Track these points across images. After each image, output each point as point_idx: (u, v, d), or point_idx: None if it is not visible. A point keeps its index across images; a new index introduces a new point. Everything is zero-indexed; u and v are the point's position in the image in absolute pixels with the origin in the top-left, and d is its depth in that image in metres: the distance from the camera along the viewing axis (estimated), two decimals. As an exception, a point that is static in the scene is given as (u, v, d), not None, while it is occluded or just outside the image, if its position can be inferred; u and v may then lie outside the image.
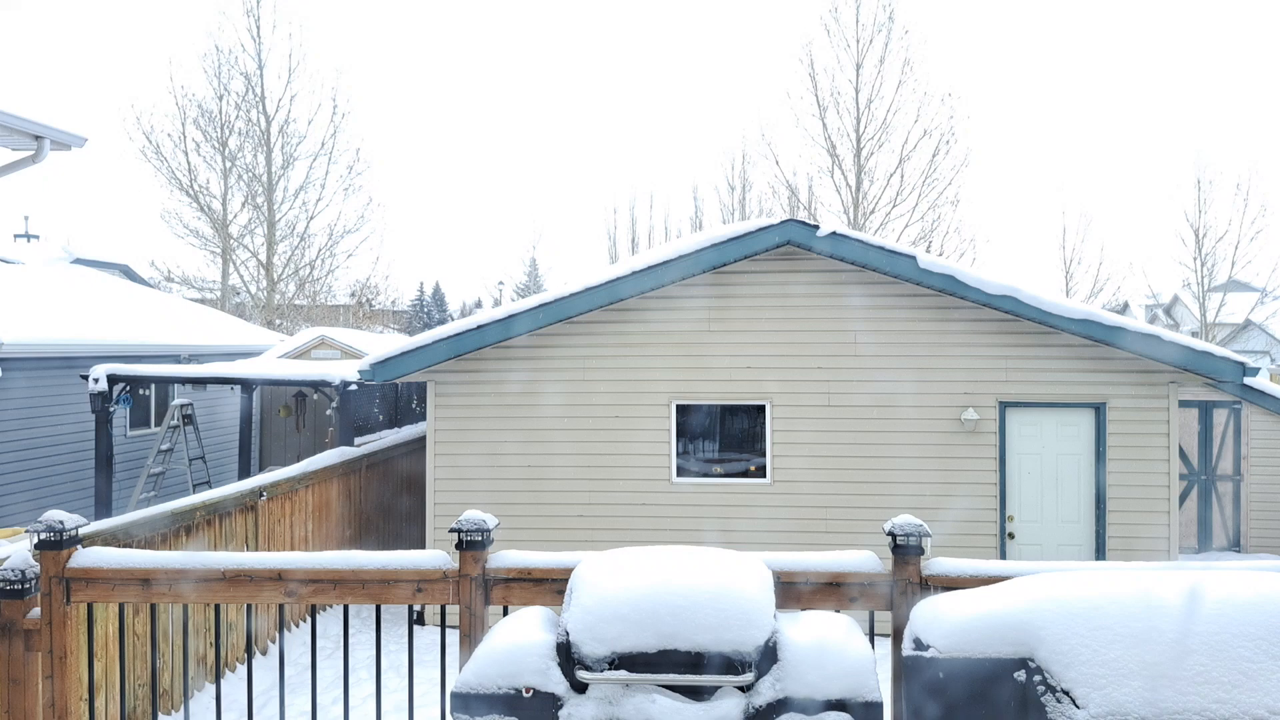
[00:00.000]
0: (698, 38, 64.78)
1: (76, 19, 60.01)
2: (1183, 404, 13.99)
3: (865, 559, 4.79)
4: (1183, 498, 14.21)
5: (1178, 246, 32.61)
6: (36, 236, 33.41)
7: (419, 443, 13.55)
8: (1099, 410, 10.58)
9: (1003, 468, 10.65)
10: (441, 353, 10.74)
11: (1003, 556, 10.56)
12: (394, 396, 16.30)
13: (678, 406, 10.95)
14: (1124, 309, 36.26)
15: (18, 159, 9.68)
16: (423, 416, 16.42)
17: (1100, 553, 10.48)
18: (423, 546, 11.37)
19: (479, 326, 10.69)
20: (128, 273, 27.95)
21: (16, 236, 32.05)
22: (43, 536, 4.53)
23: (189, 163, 28.43)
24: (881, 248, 10.58)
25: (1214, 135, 48.89)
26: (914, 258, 10.38)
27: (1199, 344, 10.24)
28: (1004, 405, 10.66)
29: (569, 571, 4.38)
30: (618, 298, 10.67)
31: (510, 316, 10.68)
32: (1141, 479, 10.49)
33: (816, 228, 10.57)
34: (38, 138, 9.46)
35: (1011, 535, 10.67)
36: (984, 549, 10.49)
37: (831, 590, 4.62)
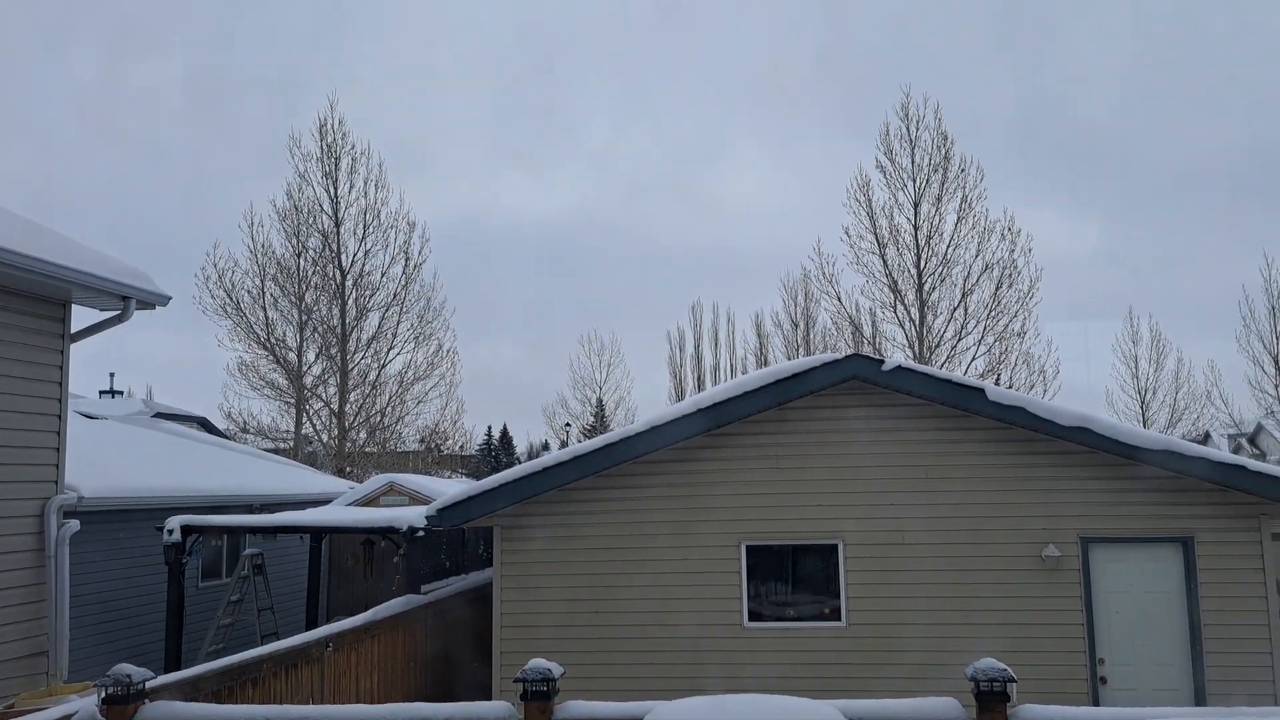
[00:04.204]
0: (756, 175, 66.50)
1: (153, 172, 63.60)
2: (1276, 536, 13.34)
3: (947, 706, 4.58)
4: (1286, 637, 13.41)
5: (1257, 373, 31.80)
6: (121, 392, 34.64)
7: (486, 589, 13.42)
8: (1187, 544, 10.14)
9: (1089, 607, 10.19)
10: (506, 497, 10.73)
11: (1095, 703, 9.99)
12: (461, 542, 16.27)
13: (748, 548, 10.73)
14: (1205, 439, 35.13)
15: (105, 319, 10.13)
16: (490, 562, 16.33)
17: (1200, 698, 9.87)
18: (489, 696, 11.13)
19: (544, 469, 10.69)
20: (205, 424, 28.73)
21: (102, 393, 33.28)
22: (110, 691, 4.53)
23: (267, 317, 29.48)
24: (948, 381, 10.47)
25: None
26: (982, 390, 10.24)
27: (1288, 473, 9.84)
28: (1086, 541, 10.27)
29: (636, 723, 4.24)
30: (683, 436, 10.62)
31: (575, 458, 10.68)
32: (1238, 618, 9.95)
33: (881, 362, 10.52)
34: (124, 298, 9.92)
35: (1104, 680, 10.12)
36: (1074, 695, 9.95)
37: (913, 741, 4.41)
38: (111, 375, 34.46)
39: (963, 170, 30.14)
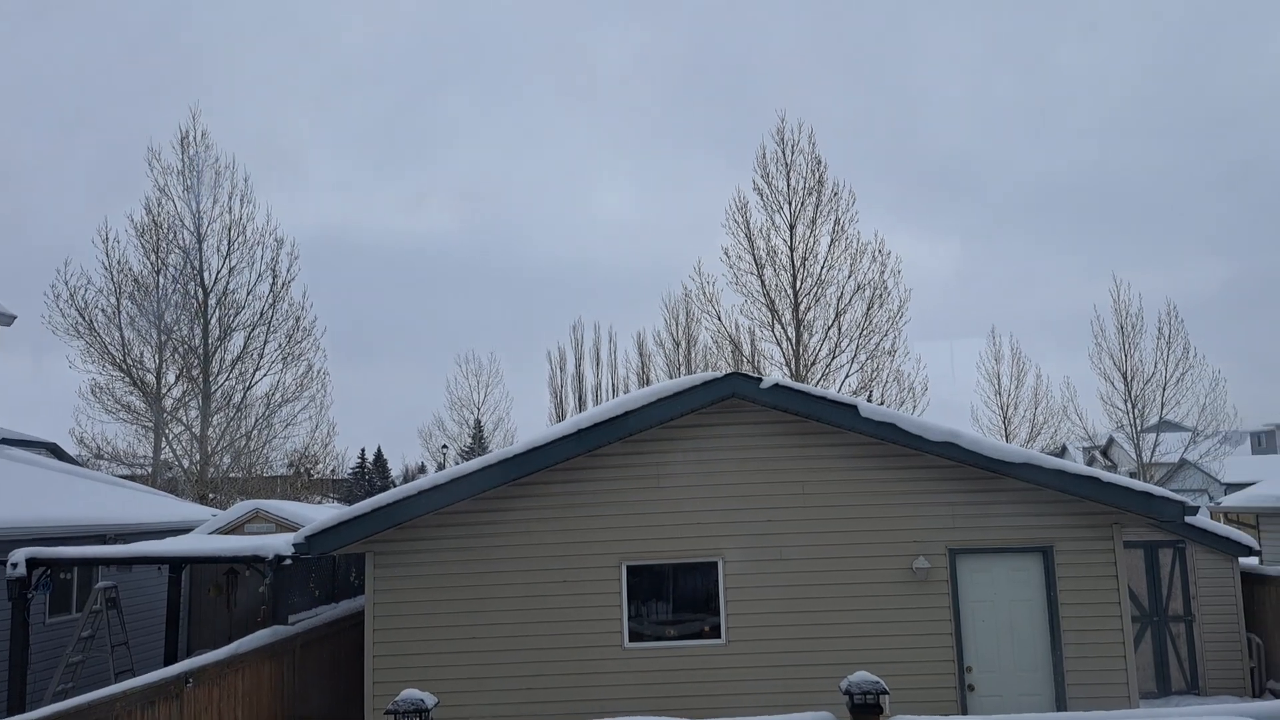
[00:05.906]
0: (640, 196, 67.13)
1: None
2: (1127, 544, 14.00)
3: (824, 722, 4.58)
4: (1137, 640, 14.06)
5: (1108, 388, 33.45)
6: (-39, 417, 32.45)
7: (358, 618, 13.01)
8: (1046, 554, 10.53)
9: (957, 616, 10.47)
10: (379, 522, 10.41)
11: (964, 711, 10.26)
12: (331, 570, 15.75)
13: (628, 568, 10.67)
14: (1062, 452, 36.81)
15: (-60, 338, 9.46)
16: (362, 590, 15.87)
17: (1061, 702, 10.23)
18: (361, 729, 10.75)
19: (418, 493, 10.42)
20: (55, 451, 27.09)
21: (-60, 418, 31.10)
22: (-64, 740, 4.16)
23: (123, 337, 28.02)
24: (823, 398, 10.64)
25: (1133, 276, 51.32)
26: (855, 407, 10.44)
27: (1138, 484, 10.33)
28: (953, 552, 10.56)
29: (513, 751, 4.11)
30: (562, 457, 10.50)
31: (450, 481, 10.44)
32: (1095, 623, 10.37)
33: (759, 380, 10.62)
34: (-39, 316, 9.28)
35: (972, 687, 10.39)
36: (945, 703, 10.19)
37: (792, 758, 4.40)
38: (-49, 400, 32.30)
39: (835, 194, 30.90)
